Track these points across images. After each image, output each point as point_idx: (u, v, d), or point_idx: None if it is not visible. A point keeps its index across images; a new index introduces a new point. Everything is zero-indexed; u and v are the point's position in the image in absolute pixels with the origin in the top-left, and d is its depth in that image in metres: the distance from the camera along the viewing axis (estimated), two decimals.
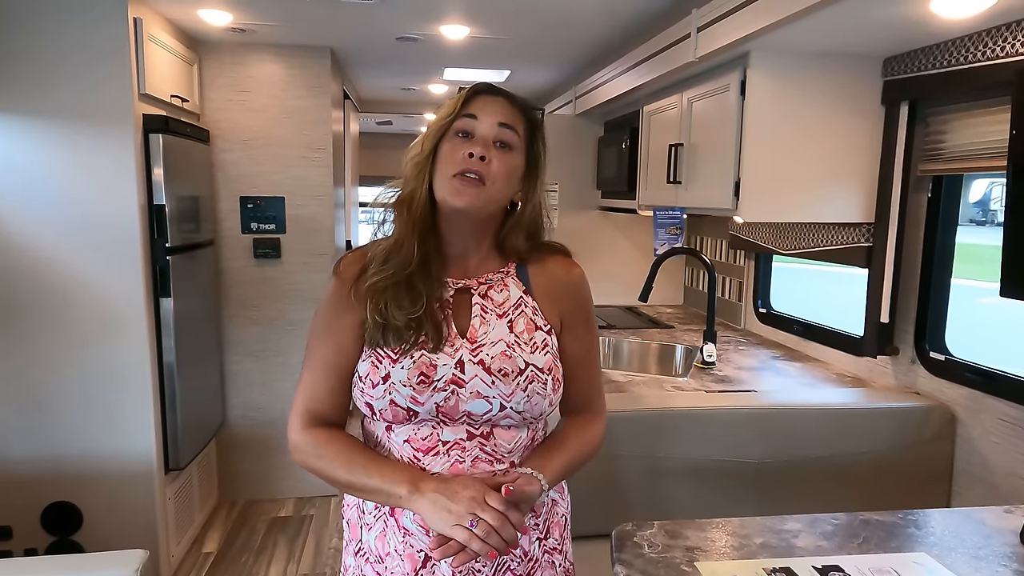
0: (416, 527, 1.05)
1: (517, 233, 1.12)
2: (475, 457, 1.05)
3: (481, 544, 0.92)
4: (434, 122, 1.06)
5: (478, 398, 1.03)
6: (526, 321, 1.09)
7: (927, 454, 1.86)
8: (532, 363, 1.06)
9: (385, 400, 1.02)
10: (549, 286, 1.13)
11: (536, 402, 1.05)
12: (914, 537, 1.22)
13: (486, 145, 1.03)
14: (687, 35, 2.13)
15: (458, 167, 1.02)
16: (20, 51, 2.29)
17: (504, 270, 1.13)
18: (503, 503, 0.95)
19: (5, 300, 2.39)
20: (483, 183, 1.02)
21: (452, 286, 1.09)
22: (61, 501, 2.49)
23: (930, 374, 1.94)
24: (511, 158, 1.06)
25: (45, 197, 2.36)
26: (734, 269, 3.01)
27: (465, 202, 1.02)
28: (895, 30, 1.74)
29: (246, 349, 3.28)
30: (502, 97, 1.08)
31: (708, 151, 2.23)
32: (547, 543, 1.14)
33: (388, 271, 1.04)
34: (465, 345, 1.05)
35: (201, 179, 2.98)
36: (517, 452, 1.08)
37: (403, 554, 1.06)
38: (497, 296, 1.10)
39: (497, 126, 1.05)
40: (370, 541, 1.10)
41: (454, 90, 1.14)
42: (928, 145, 1.90)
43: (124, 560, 1.55)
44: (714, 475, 1.80)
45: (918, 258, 1.96)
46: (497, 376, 1.03)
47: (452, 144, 1.04)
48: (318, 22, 2.81)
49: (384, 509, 1.08)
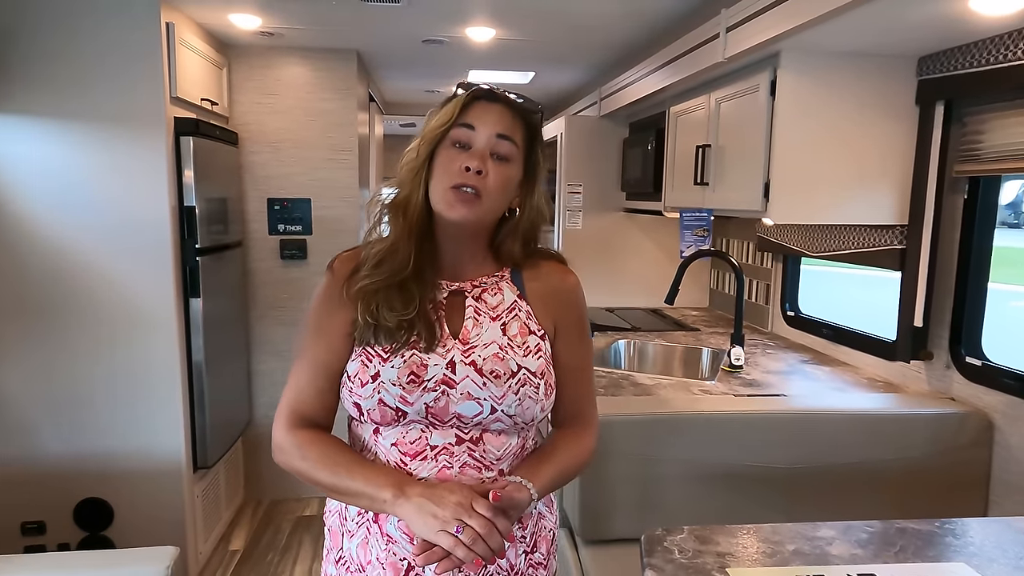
0: (400, 534, 1.02)
1: (513, 239, 1.10)
2: (464, 463, 1.03)
3: (466, 551, 0.90)
4: (430, 128, 1.04)
5: (469, 399, 1.01)
6: (519, 325, 1.08)
7: (963, 461, 1.82)
8: (524, 366, 1.04)
9: (374, 399, 1.00)
10: (543, 292, 1.11)
11: (528, 406, 1.03)
12: (952, 547, 1.19)
13: (483, 158, 1.01)
14: (716, 35, 2.11)
15: (454, 180, 1.00)
16: (56, 56, 2.34)
17: (499, 274, 1.11)
18: (490, 510, 0.93)
19: (41, 300, 2.44)
20: (479, 197, 1.01)
21: (446, 288, 1.08)
22: (93, 497, 2.54)
23: (966, 379, 1.89)
24: (508, 169, 1.04)
25: (80, 199, 2.41)
26: (761, 271, 2.97)
27: (460, 216, 1.01)
28: (931, 29, 1.70)
29: (273, 349, 3.31)
30: (501, 104, 1.05)
31: (736, 152, 2.21)
32: (533, 557, 1.12)
33: (381, 275, 1.02)
34: (457, 346, 1.04)
35: (230, 181, 3.02)
36: (507, 459, 1.06)
37: (385, 563, 1.03)
38: (491, 299, 1.08)
39: (495, 138, 1.02)
40: (351, 549, 1.08)
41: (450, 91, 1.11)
42: (964, 146, 1.86)
43: (156, 557, 1.58)
44: (744, 480, 1.77)
45: (953, 261, 1.92)
46: (489, 378, 1.02)
47: (449, 154, 1.02)
48: (345, 25, 2.83)
49: (367, 516, 1.06)
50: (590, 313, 1.20)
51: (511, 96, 1.06)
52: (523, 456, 1.09)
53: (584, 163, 3.48)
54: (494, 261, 1.12)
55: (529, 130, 1.07)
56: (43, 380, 2.47)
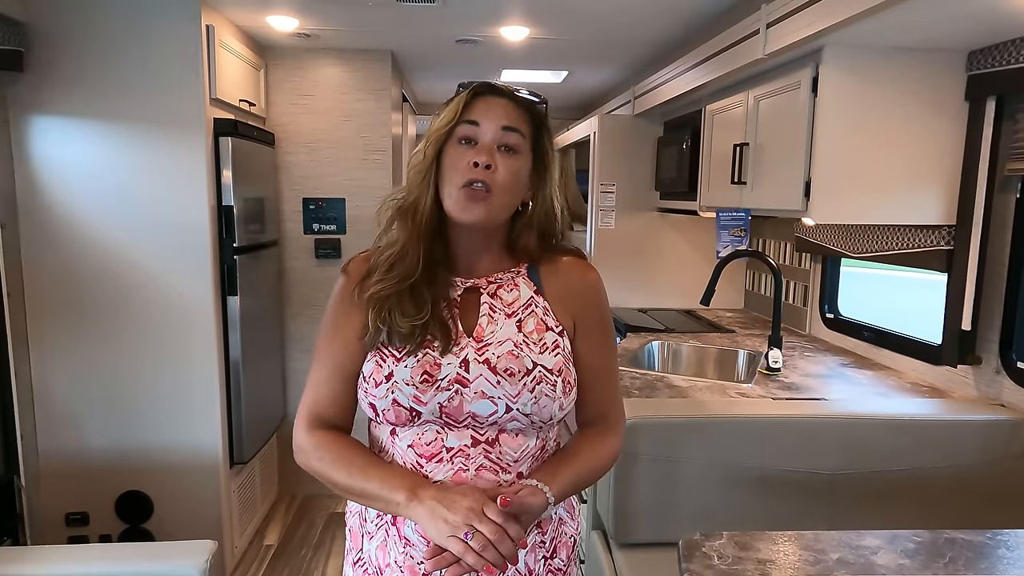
0: (417, 538, 1.01)
1: (528, 233, 1.08)
2: (480, 466, 1.01)
3: (476, 558, 0.88)
4: (435, 128, 1.03)
5: (483, 398, 0.99)
6: (536, 321, 1.05)
7: (1014, 471, 1.75)
8: (540, 363, 1.02)
9: (388, 400, 1.00)
10: (562, 288, 1.09)
11: (544, 404, 1.01)
12: (1005, 559, 1.15)
13: (490, 152, 1.00)
14: (755, 31, 2.07)
15: (464, 177, 0.99)
16: (100, 59, 2.40)
17: (515, 270, 1.09)
18: (502, 515, 0.91)
19: (87, 298, 2.50)
20: (490, 192, 1.00)
21: (460, 285, 1.06)
22: (134, 490, 2.60)
23: (1017, 385, 1.82)
24: (516, 161, 1.02)
25: (123, 199, 2.47)
26: (799, 272, 2.91)
27: (473, 217, 1.00)
28: (982, 22, 1.64)
29: (307, 347, 3.35)
30: (504, 97, 1.04)
31: (776, 151, 2.16)
32: (552, 563, 1.09)
33: (392, 280, 1.01)
34: (471, 344, 1.02)
35: (266, 181, 3.07)
36: (524, 461, 1.04)
37: (403, 566, 1.02)
38: (506, 295, 1.06)
39: (500, 131, 1.01)
40: (371, 551, 1.07)
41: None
42: (1017, 143, 1.79)
43: (195, 550, 1.61)
44: (785, 486, 1.73)
45: (1005, 262, 1.85)
46: (503, 376, 1.00)
47: (456, 152, 1.01)
48: (380, 26, 2.85)
49: (386, 518, 1.05)
50: (623, 314, 1.18)
51: (513, 89, 1.06)
52: (543, 458, 1.07)
53: (617, 162, 3.45)
54: (510, 257, 1.10)
55: (535, 120, 1.06)
56: (88, 376, 2.54)
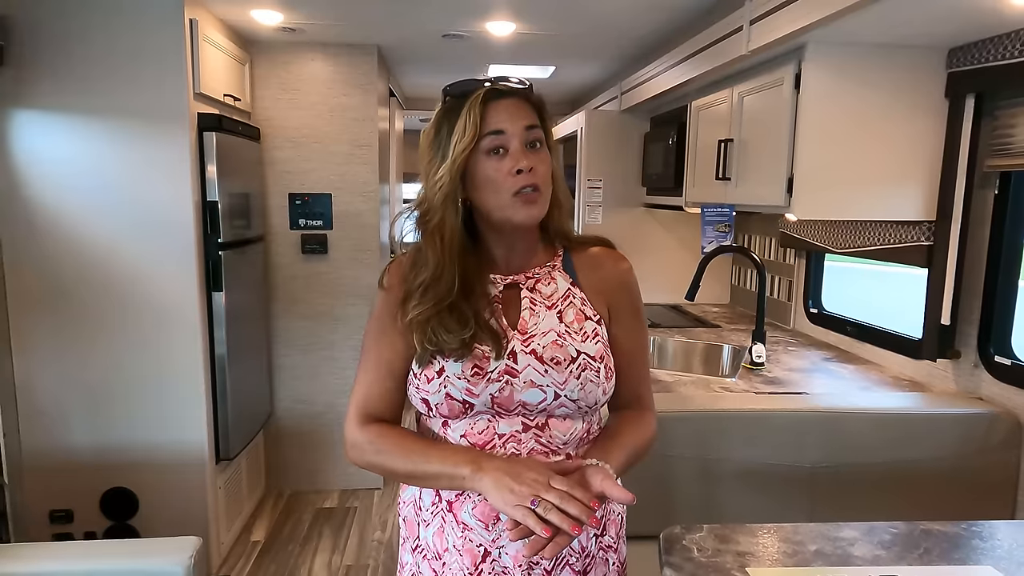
0: (475, 521, 1.05)
1: (558, 211, 1.11)
2: (531, 449, 1.05)
3: (537, 522, 0.88)
4: (459, 151, 1.01)
5: (532, 387, 1.03)
6: (575, 311, 1.09)
7: (991, 463, 1.78)
8: (584, 351, 1.06)
9: (441, 394, 1.03)
10: (596, 278, 1.13)
11: (590, 390, 1.05)
12: (979, 549, 1.17)
13: (527, 155, 1.02)
14: (739, 28, 2.08)
15: (512, 187, 1.01)
16: (82, 52, 2.37)
17: (551, 264, 1.13)
18: (567, 483, 0.92)
19: (69, 294, 2.48)
20: (539, 191, 1.03)
21: (500, 282, 1.10)
22: (119, 487, 2.58)
23: (995, 379, 1.85)
24: (546, 154, 1.05)
25: (107, 194, 2.45)
26: (784, 268, 2.94)
27: (532, 217, 1.03)
28: (961, 19, 1.66)
29: (294, 343, 3.34)
30: (512, 97, 1.04)
31: (759, 147, 2.18)
32: (603, 540, 1.13)
33: (429, 303, 1.03)
34: (517, 336, 1.06)
35: (252, 176, 3.05)
36: (572, 444, 1.08)
37: (462, 549, 1.06)
38: (545, 289, 1.10)
39: (525, 131, 1.02)
40: (428, 538, 1.10)
41: None
42: (996, 140, 1.81)
43: (179, 546, 1.60)
44: (766, 479, 1.75)
45: (983, 258, 1.88)
46: (550, 365, 1.04)
47: (488, 165, 1.01)
48: (365, 20, 2.84)
49: (442, 505, 1.08)
50: None
51: (513, 84, 1.06)
52: (589, 440, 1.10)
53: (604, 158, 3.46)
54: (543, 246, 1.14)
55: (538, 108, 1.08)
56: (72, 372, 2.52)
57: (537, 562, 1.06)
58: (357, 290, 3.33)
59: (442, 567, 1.08)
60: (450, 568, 1.07)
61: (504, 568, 1.05)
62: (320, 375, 3.37)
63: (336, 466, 3.43)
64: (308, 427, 3.39)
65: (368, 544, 2.97)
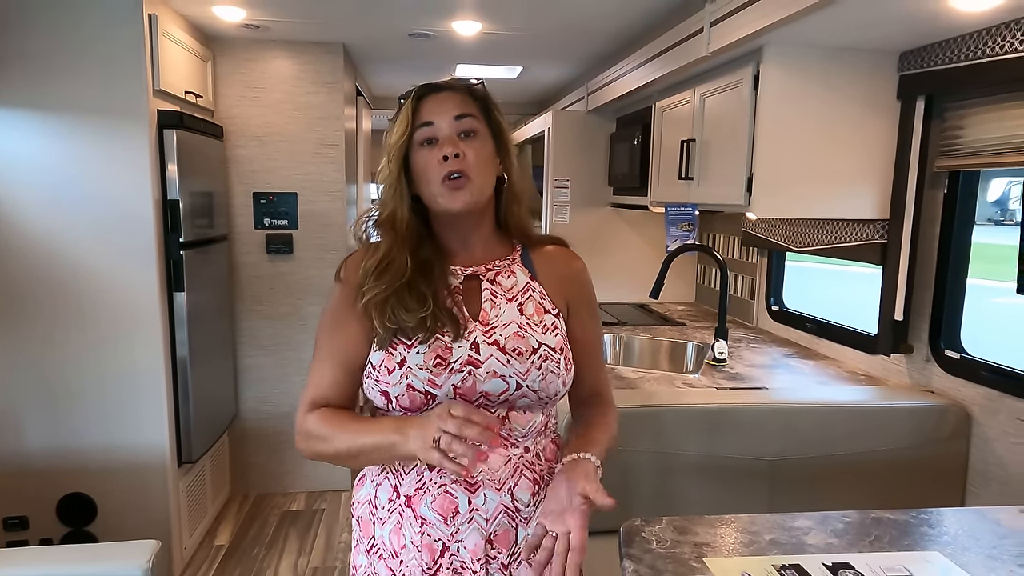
0: (434, 516, 1.05)
1: (517, 205, 1.15)
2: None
3: (442, 457, 0.91)
4: (392, 143, 1.07)
5: (495, 378, 1.04)
6: (535, 304, 1.12)
7: (942, 453, 1.84)
8: (544, 343, 1.08)
9: (402, 385, 1.03)
10: (553, 273, 1.16)
11: (551, 380, 1.07)
12: (927, 536, 1.21)
13: (453, 143, 1.05)
14: (700, 30, 2.11)
15: (439, 174, 1.04)
16: (37, 46, 2.31)
17: (510, 257, 1.15)
18: (465, 408, 0.94)
19: (24, 293, 2.42)
20: (467, 177, 1.04)
21: (461, 274, 1.11)
22: (76, 492, 2.52)
23: (945, 372, 1.91)
24: (478, 141, 1.07)
25: (62, 192, 2.39)
26: (747, 266, 2.99)
27: (460, 204, 1.05)
28: (912, 24, 1.71)
29: (259, 343, 3.30)
30: (445, 91, 1.08)
31: (720, 147, 2.22)
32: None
33: (383, 284, 1.05)
34: (478, 327, 1.07)
35: (215, 175, 3.00)
36: (531, 436, 1.10)
37: (420, 545, 1.06)
38: (505, 281, 1.12)
39: (455, 120, 1.06)
40: (384, 536, 1.10)
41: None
42: (945, 141, 1.87)
43: (137, 550, 1.57)
44: (727, 472, 1.79)
45: (934, 255, 1.94)
46: (512, 355, 1.05)
47: (422, 156, 1.06)
48: (330, 18, 2.81)
49: (399, 501, 1.08)
50: None
51: (451, 80, 1.10)
52: (547, 433, 1.13)
53: (571, 158, 3.49)
54: (501, 240, 1.16)
55: (480, 100, 1.10)
56: (27, 374, 2.45)
57: (495, 556, 1.06)
58: (323, 290, 3.30)
59: (399, 565, 1.08)
60: (408, 565, 1.07)
61: (463, 562, 1.05)
62: (286, 376, 3.33)
63: (303, 468, 3.39)
64: (274, 428, 3.35)
65: (335, 546, 2.94)
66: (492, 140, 1.10)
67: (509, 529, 1.07)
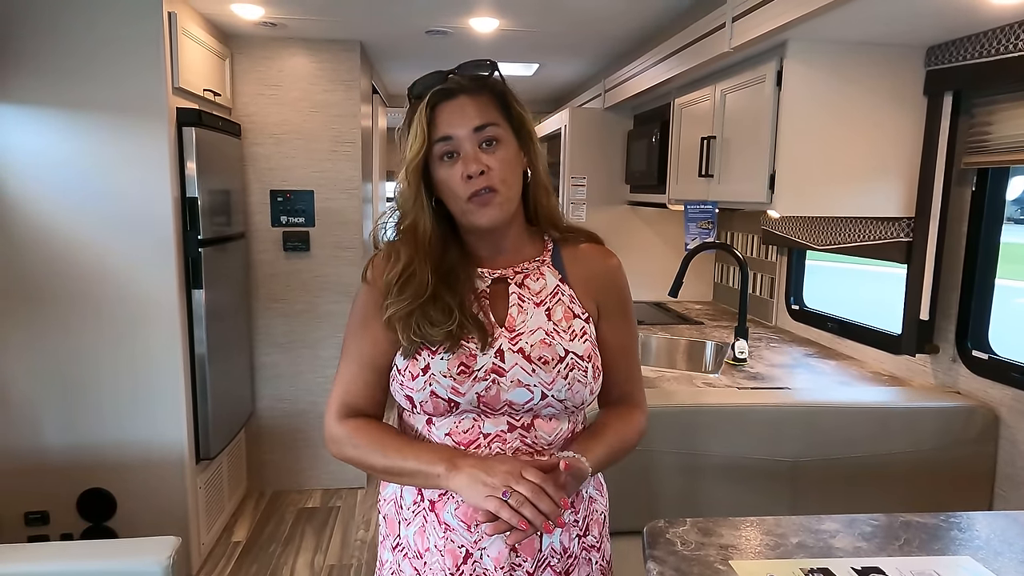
0: (457, 522, 1.04)
1: (544, 196, 1.11)
2: (515, 449, 1.04)
3: (511, 514, 0.89)
4: (410, 159, 1.01)
5: (519, 387, 1.01)
6: (563, 309, 1.08)
7: (969, 455, 1.81)
8: (571, 351, 1.04)
9: (425, 392, 1.01)
10: (585, 274, 1.12)
11: (577, 390, 1.04)
12: (958, 540, 1.18)
13: (476, 159, 0.99)
14: (721, 25, 2.09)
15: (465, 192, 1.00)
16: (58, 45, 2.33)
17: (540, 258, 1.11)
18: (540, 476, 0.92)
19: (45, 290, 2.43)
20: (495, 191, 1.00)
21: (488, 277, 1.08)
22: (96, 488, 2.54)
23: (972, 373, 1.88)
24: (503, 149, 1.02)
25: (83, 189, 2.40)
26: (766, 265, 2.96)
27: (490, 220, 1.01)
28: (940, 18, 1.68)
29: (275, 341, 3.31)
30: (460, 96, 1.01)
31: (742, 144, 2.19)
32: (585, 540, 1.12)
33: (405, 299, 1.02)
34: (504, 334, 1.04)
35: (232, 172, 3.01)
36: (557, 444, 1.07)
37: (443, 550, 1.04)
38: (534, 285, 1.09)
39: (474, 133, 1.00)
40: (409, 536, 1.09)
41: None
42: (973, 137, 1.84)
43: (158, 547, 1.57)
44: (749, 473, 1.76)
45: (960, 254, 1.90)
46: (537, 364, 1.02)
47: (443, 170, 1.01)
48: (348, 15, 2.81)
49: (423, 504, 1.07)
50: None
51: (464, 80, 1.02)
52: (574, 440, 1.09)
53: (588, 156, 3.47)
54: (532, 237, 1.12)
55: (498, 97, 1.04)
56: (48, 371, 2.47)
57: (519, 564, 1.04)
58: (339, 288, 3.30)
59: (423, 566, 1.07)
60: (431, 568, 1.06)
61: (485, 570, 1.04)
62: (302, 373, 3.34)
63: (319, 465, 3.40)
64: (290, 426, 3.36)
65: (351, 543, 2.94)
66: (514, 137, 1.04)
67: (534, 537, 1.04)
